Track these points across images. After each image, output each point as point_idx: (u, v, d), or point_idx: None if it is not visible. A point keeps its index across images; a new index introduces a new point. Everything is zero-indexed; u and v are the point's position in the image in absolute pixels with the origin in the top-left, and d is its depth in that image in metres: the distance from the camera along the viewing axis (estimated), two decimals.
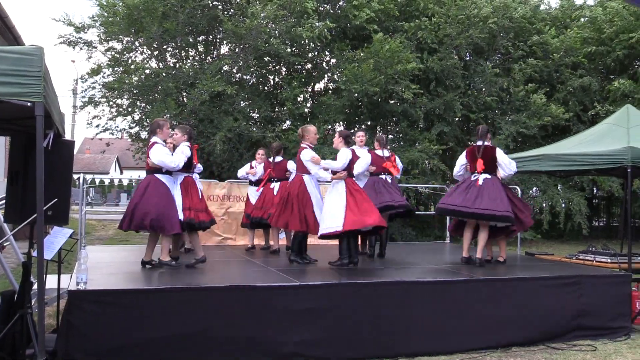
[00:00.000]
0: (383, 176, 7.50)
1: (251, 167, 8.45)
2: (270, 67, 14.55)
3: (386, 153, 7.62)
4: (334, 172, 6.33)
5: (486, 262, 6.94)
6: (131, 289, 4.82)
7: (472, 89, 14.13)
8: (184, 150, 6.13)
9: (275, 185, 8.01)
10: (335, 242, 6.54)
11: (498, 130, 13.71)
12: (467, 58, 14.56)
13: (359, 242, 7.61)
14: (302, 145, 6.58)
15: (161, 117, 12.24)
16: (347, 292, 5.16)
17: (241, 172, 8.53)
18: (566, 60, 14.41)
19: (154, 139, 6.03)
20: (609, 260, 7.33)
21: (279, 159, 8.15)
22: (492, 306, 5.56)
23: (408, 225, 13.61)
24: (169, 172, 6.01)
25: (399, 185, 8.21)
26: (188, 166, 6.17)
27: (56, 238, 4.62)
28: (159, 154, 5.88)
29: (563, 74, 14.63)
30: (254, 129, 12.90)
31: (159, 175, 5.93)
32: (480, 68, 14.01)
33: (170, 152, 6.09)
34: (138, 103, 13.51)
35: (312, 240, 6.93)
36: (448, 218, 9.15)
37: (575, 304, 5.89)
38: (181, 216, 5.94)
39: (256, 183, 8.27)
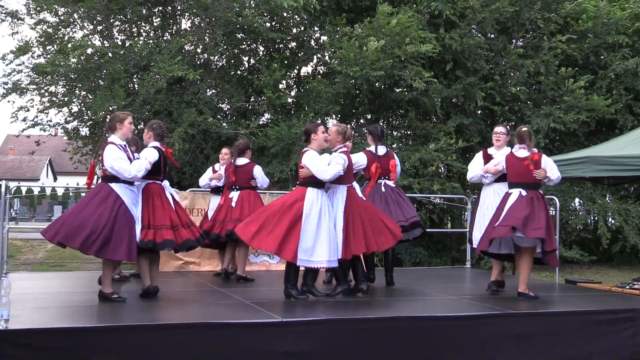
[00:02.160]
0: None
1: (214, 171, 8.45)
2: (244, 45, 14.53)
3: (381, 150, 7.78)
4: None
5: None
6: (67, 327, 4.77)
7: (495, 74, 14.17)
8: (149, 155, 6.22)
9: (235, 195, 8.04)
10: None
11: (527, 124, 13.72)
12: (492, 36, 14.62)
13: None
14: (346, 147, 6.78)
15: (106, 108, 12.28)
16: (341, 330, 5.15)
17: (203, 180, 8.56)
18: (607, 38, 14.48)
19: (111, 137, 6.11)
20: None
21: (243, 161, 8.17)
22: (523, 347, 5.57)
23: (418, 245, 13.62)
24: (130, 182, 6.07)
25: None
26: (156, 172, 6.26)
27: None
28: (111, 159, 5.93)
29: (607, 57, 14.66)
30: (224, 124, 12.87)
31: (114, 185, 5.98)
32: (503, 46, 14.07)
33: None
34: (77, 91, 13.42)
35: None
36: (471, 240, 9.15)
37: (628, 345, 5.90)
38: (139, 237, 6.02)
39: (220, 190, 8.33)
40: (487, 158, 7.24)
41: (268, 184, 8.52)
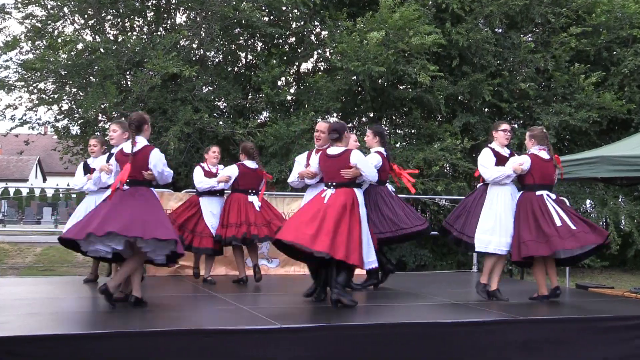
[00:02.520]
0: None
1: (205, 171, 8.40)
2: (242, 41, 14.54)
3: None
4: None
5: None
6: (59, 334, 4.76)
7: (503, 70, 14.17)
8: None
9: (255, 199, 8.07)
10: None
11: (536, 122, 13.73)
12: (499, 30, 14.61)
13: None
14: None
15: (98, 106, 12.29)
16: (341, 337, 5.16)
17: (207, 183, 8.24)
18: (620, 33, 14.46)
19: (141, 139, 6.09)
20: None
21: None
22: (531, 354, 5.56)
23: (423, 247, 13.61)
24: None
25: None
26: None
27: None
28: (161, 164, 6.06)
29: (620, 52, 14.64)
30: (221, 123, 12.88)
31: (154, 190, 6.16)
32: (510, 41, 14.07)
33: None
34: (67, 88, 13.42)
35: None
36: None
37: None
38: None
39: (219, 192, 8.33)
40: (498, 156, 7.17)
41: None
